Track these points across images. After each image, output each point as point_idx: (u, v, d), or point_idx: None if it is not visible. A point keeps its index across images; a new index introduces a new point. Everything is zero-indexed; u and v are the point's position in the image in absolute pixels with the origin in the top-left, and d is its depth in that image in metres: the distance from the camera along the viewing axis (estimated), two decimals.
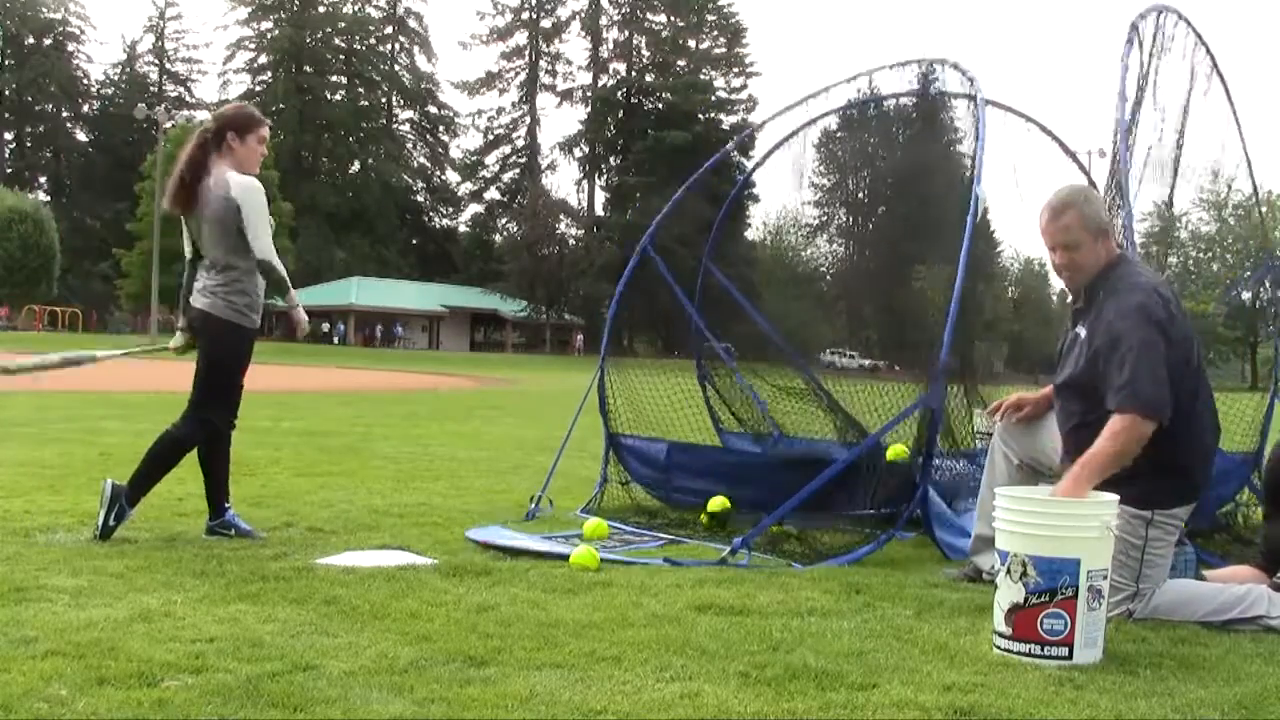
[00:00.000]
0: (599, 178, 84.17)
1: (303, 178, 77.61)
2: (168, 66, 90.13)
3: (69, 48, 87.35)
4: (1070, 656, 3.41)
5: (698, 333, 7.25)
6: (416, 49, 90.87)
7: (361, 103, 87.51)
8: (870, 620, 3.88)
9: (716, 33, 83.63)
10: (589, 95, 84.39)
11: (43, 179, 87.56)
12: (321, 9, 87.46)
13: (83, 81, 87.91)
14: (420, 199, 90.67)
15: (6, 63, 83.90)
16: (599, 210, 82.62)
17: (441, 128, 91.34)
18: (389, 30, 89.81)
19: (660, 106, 79.59)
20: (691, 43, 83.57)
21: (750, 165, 8.37)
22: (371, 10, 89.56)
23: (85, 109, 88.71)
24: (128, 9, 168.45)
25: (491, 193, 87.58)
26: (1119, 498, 3.70)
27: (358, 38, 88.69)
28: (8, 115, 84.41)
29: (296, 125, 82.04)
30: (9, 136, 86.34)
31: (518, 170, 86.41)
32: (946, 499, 5.66)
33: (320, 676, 3.05)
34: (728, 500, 5.84)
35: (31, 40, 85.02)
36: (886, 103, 6.83)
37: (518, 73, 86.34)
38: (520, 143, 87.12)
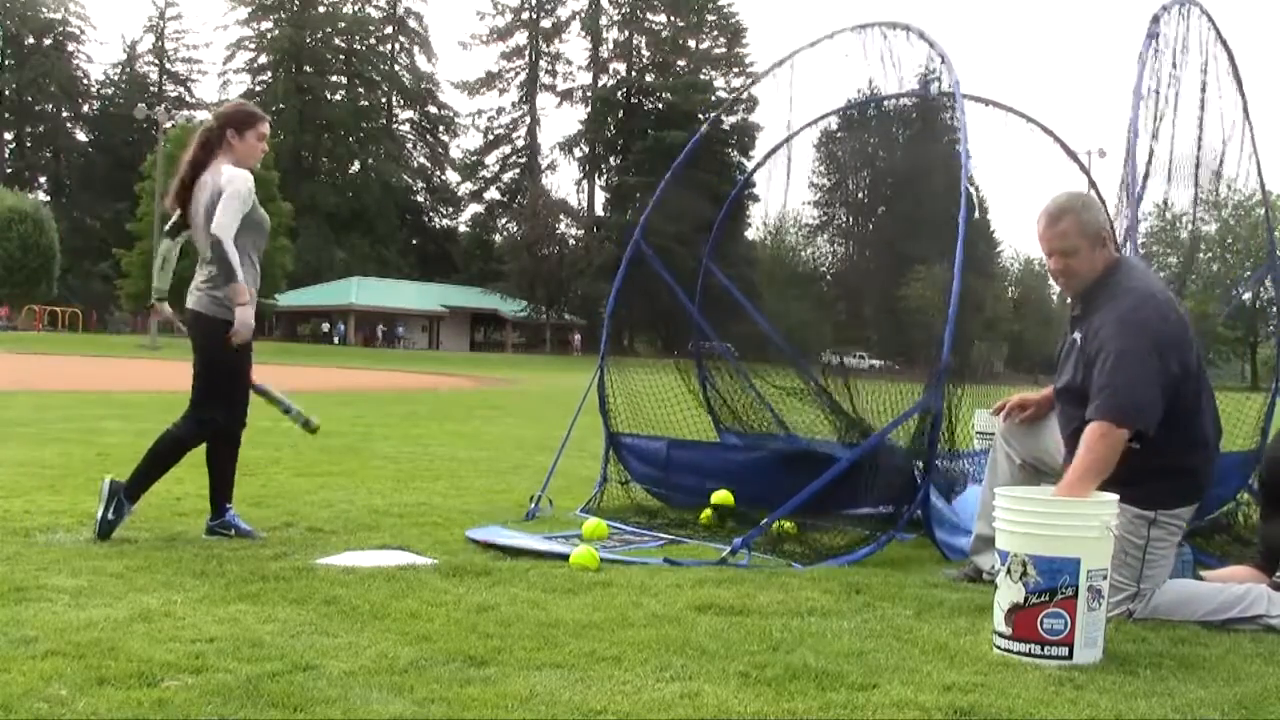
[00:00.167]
0: (599, 178, 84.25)
1: (303, 178, 77.65)
2: (168, 66, 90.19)
3: (69, 48, 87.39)
4: (1070, 656, 3.41)
5: (698, 332, 7.25)
6: (416, 49, 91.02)
7: (361, 103, 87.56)
8: (870, 620, 3.88)
9: (716, 33, 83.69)
10: (589, 95, 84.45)
11: (43, 179, 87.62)
12: (321, 9, 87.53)
13: (83, 81, 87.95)
14: (420, 199, 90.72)
15: (6, 63, 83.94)
16: (599, 210, 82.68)
17: (441, 128, 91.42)
18: (389, 30, 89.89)
19: (660, 106, 79.61)
20: (691, 43, 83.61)
21: (750, 165, 8.37)
22: (371, 10, 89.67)
23: (85, 109, 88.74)
24: (128, 9, 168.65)
25: (491, 193, 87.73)
26: (1123, 497, 3.71)
27: (358, 38, 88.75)
28: (8, 115, 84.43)
29: (296, 125, 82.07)
30: (9, 136, 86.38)
31: (518, 170, 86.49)
32: (944, 493, 5.65)
33: (320, 676, 3.05)
34: (730, 495, 5.85)
35: (31, 40, 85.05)
36: (886, 103, 6.83)
37: (518, 73, 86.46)
38: (520, 143, 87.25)
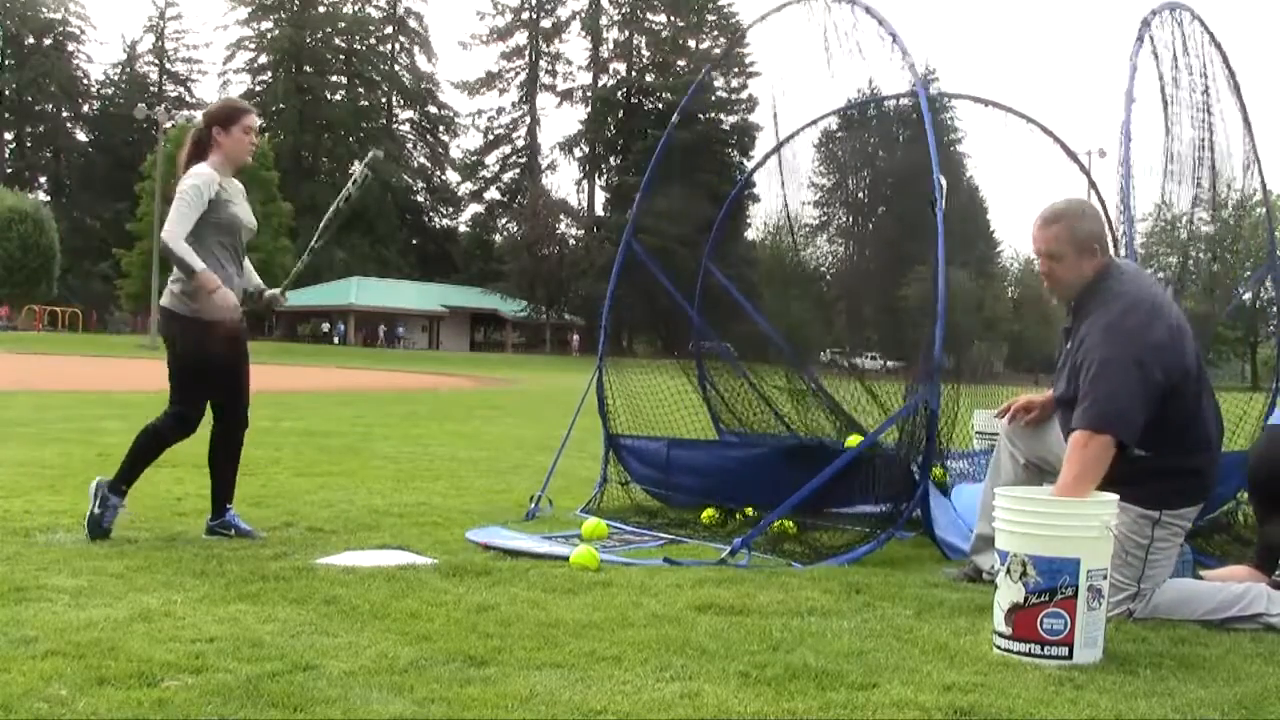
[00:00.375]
0: (599, 178, 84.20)
1: (303, 178, 77.63)
2: (168, 66, 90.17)
3: (69, 48, 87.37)
4: (1070, 656, 3.41)
5: (697, 332, 7.25)
6: (416, 49, 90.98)
7: (361, 103, 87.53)
8: (870, 620, 3.88)
9: (716, 33, 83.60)
10: (589, 95, 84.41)
11: (43, 179, 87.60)
12: (321, 9, 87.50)
13: (83, 81, 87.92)
14: (420, 199, 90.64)
15: (6, 63, 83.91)
16: (599, 210, 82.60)
17: (441, 128, 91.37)
18: (389, 30, 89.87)
19: (660, 106, 79.47)
20: (691, 43, 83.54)
21: (750, 165, 8.36)
22: (371, 10, 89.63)
23: (85, 109, 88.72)
24: (128, 9, 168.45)
25: (491, 193, 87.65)
26: (1127, 497, 3.70)
27: (358, 38, 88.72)
28: (8, 115, 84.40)
29: (296, 125, 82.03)
30: (9, 136, 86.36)
31: (518, 170, 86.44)
32: (944, 491, 5.66)
33: (320, 676, 3.05)
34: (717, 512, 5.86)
35: (31, 40, 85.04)
36: (886, 103, 6.83)
37: (518, 73, 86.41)
38: (520, 143, 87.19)
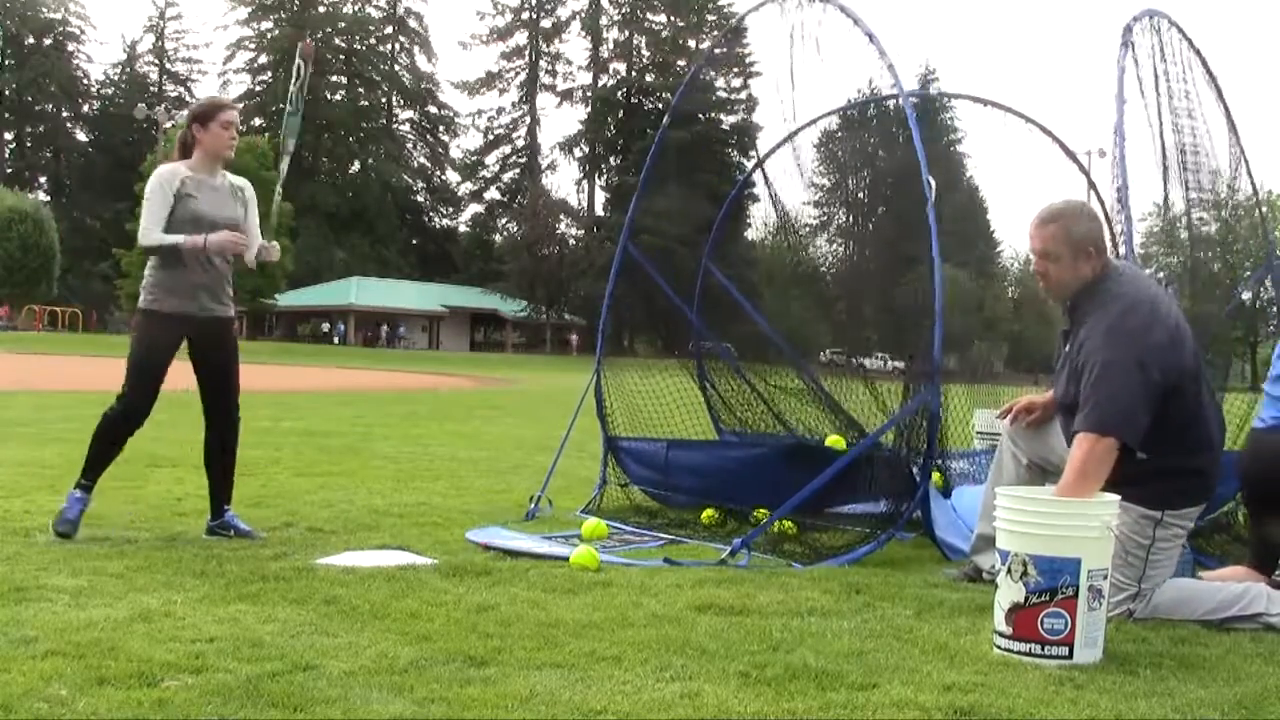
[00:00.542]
0: (599, 178, 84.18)
1: (303, 178, 77.56)
2: (168, 66, 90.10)
3: (69, 48, 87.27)
4: (1070, 656, 3.41)
5: (697, 332, 7.25)
6: (416, 49, 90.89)
7: (361, 103, 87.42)
8: (870, 620, 3.88)
9: (716, 33, 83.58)
10: (589, 95, 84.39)
11: (43, 179, 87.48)
12: (321, 9, 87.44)
13: (83, 81, 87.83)
14: (420, 199, 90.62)
15: (6, 63, 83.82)
16: (599, 210, 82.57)
17: (441, 128, 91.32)
18: (389, 30, 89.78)
19: (660, 106, 79.46)
20: (691, 43, 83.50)
21: (750, 165, 8.36)
22: (371, 10, 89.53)
23: (85, 109, 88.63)
24: (128, 9, 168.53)
25: (491, 193, 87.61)
26: (1129, 497, 3.70)
27: (358, 38, 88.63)
28: (8, 115, 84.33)
29: None
30: (9, 136, 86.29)
31: (518, 170, 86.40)
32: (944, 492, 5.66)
33: (320, 676, 3.05)
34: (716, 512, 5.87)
35: (31, 40, 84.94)
36: (886, 103, 6.83)
37: (518, 73, 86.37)
38: (520, 143, 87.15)
